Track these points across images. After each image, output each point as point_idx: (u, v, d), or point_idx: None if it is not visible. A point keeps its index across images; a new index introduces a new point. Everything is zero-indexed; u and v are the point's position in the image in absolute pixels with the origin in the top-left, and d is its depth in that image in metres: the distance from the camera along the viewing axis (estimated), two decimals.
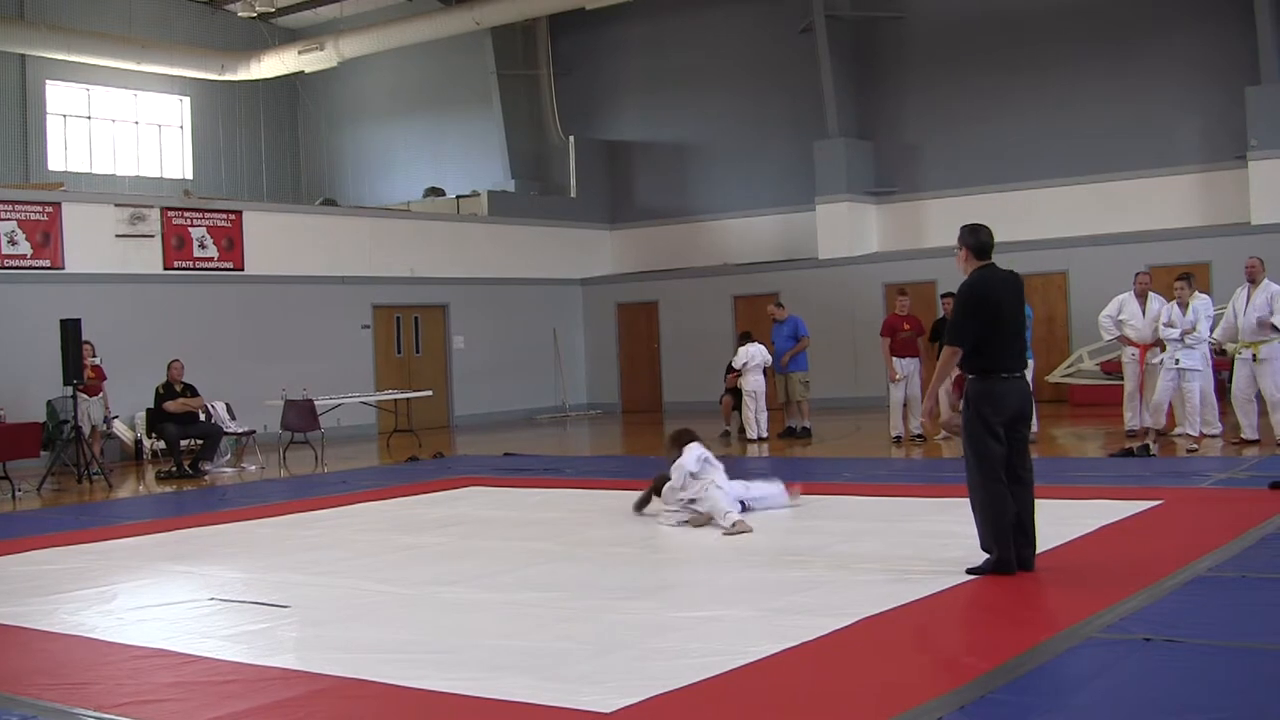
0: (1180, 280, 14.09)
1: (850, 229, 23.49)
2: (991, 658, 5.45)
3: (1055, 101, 22.09)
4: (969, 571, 7.28)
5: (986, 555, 7.29)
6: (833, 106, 23.59)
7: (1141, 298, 14.97)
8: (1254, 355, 13.51)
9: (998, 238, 7.64)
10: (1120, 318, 14.82)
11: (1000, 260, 7.57)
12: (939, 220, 22.86)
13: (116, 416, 18.17)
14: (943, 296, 16.73)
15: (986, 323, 7.32)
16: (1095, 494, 10.47)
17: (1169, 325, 13.96)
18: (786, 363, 17.70)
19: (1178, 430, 14.74)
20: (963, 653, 5.69)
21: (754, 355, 17.51)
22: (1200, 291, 14.95)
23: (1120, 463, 12.74)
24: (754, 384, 17.54)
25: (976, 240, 7.47)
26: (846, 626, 6.21)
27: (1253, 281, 13.67)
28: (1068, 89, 21.98)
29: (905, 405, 16.21)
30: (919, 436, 16.12)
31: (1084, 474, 12.11)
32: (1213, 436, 14.39)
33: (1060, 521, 8.90)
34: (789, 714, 4.97)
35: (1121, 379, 15.23)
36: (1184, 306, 13.94)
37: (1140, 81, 21.41)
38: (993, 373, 7.32)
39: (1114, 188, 21.53)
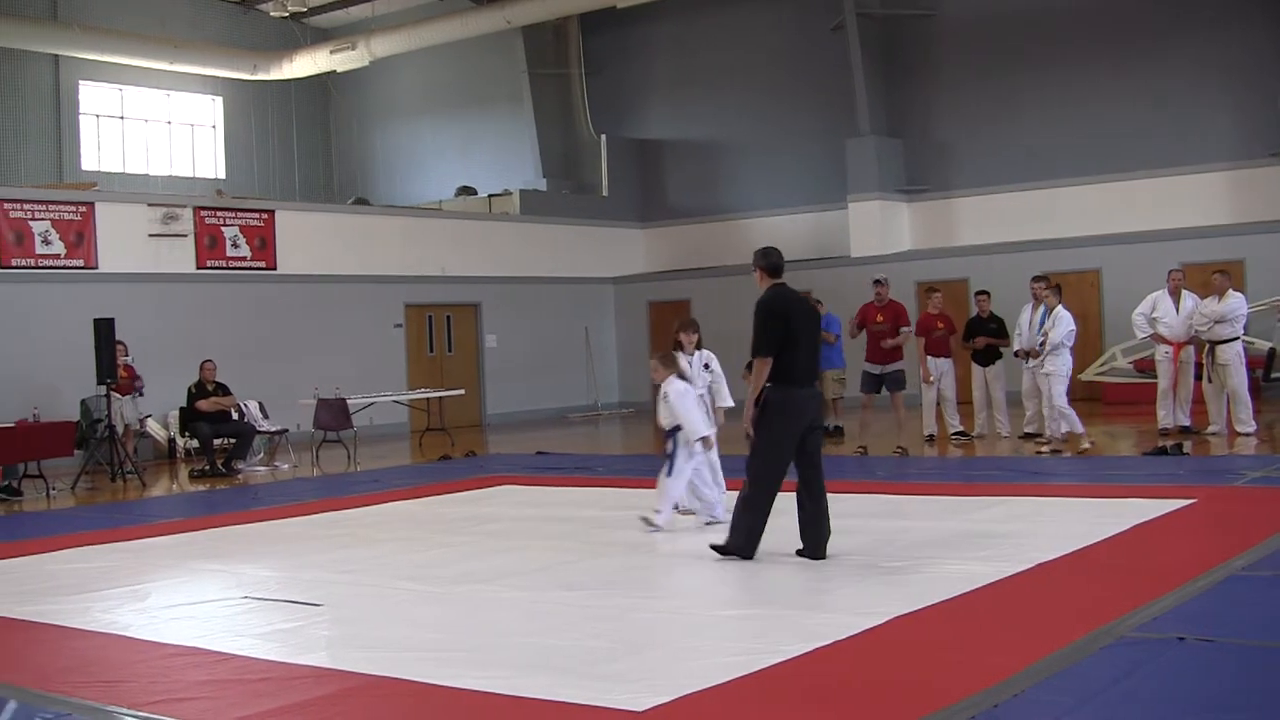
0: (1041, 283, 14.37)
1: (882, 227, 23.40)
2: (1023, 657, 5.42)
3: (1087, 99, 21.92)
4: (712, 547, 8.24)
5: (736, 537, 8.11)
6: (864, 104, 23.51)
7: (1175, 295, 14.91)
8: None
9: (1030, 235, 7.76)
10: (1154, 315, 14.75)
11: (1032, 258, 7.64)
12: (971, 218, 22.75)
13: (150, 415, 18.27)
14: (977, 294, 16.63)
15: (785, 334, 7.88)
16: (1129, 492, 10.41)
17: (1042, 333, 14.22)
18: None
19: (1210, 429, 14.66)
20: (994, 652, 5.66)
21: None
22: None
23: (1154, 461, 12.66)
24: None
25: (769, 262, 8.26)
26: (878, 625, 6.19)
27: None
28: (1100, 86, 21.81)
29: (939, 404, 16.15)
30: (958, 434, 16.04)
31: (1117, 472, 12.04)
32: (1246, 435, 14.30)
33: (1094, 520, 8.87)
34: (820, 713, 4.96)
35: (1155, 377, 15.13)
36: (1049, 310, 14.11)
37: (1172, 79, 21.24)
38: (791, 382, 7.96)
39: (1147, 185, 21.35)
